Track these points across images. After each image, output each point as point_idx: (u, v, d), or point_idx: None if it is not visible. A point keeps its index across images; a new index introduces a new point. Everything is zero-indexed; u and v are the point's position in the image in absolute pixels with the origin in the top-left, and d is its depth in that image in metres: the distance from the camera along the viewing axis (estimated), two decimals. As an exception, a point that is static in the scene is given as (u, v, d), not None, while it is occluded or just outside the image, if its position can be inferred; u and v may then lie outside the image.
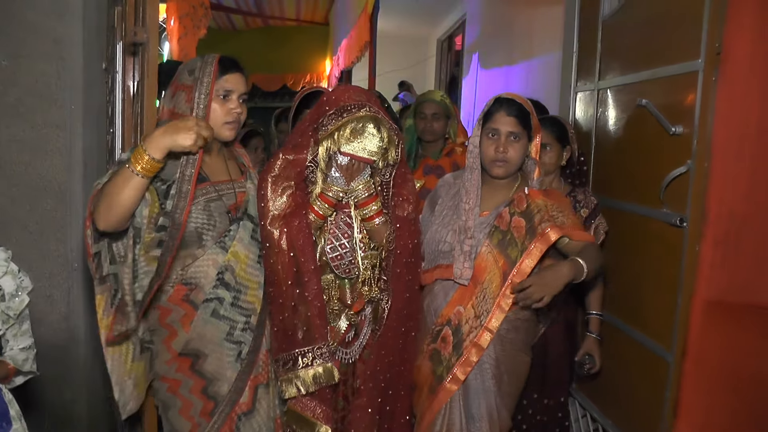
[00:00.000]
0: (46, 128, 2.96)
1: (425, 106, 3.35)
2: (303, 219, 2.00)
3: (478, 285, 2.11)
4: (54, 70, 2.93)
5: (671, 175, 2.27)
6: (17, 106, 2.90)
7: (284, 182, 2.01)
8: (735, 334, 2.06)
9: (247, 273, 1.98)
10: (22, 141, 2.92)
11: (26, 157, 2.93)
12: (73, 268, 3.09)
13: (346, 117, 1.93)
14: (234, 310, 1.96)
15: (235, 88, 1.93)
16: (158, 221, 1.84)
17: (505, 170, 2.15)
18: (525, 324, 2.18)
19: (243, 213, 2.00)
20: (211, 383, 1.94)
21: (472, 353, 2.09)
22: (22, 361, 2.04)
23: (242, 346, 1.98)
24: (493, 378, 2.13)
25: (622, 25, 2.77)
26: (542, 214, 2.07)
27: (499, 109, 2.13)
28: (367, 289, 2.12)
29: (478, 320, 2.09)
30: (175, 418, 1.97)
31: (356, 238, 2.09)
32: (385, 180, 2.12)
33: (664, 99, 2.37)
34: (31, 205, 2.96)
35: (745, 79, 1.94)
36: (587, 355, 2.63)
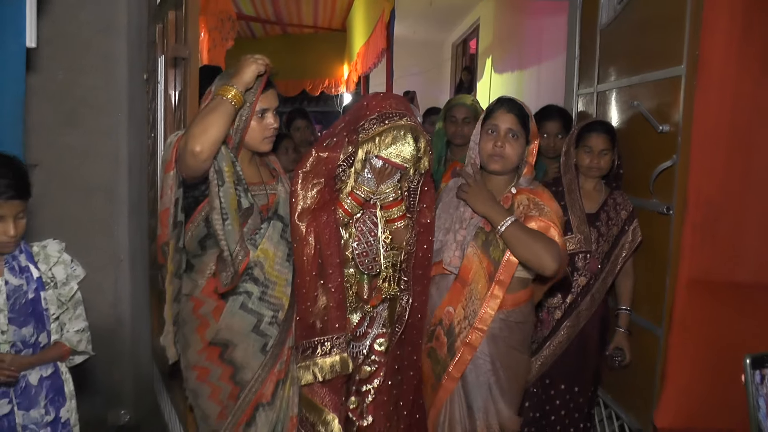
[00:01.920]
0: (95, 135, 3.28)
1: (456, 110, 3.31)
2: (330, 214, 2.06)
3: (466, 286, 2.16)
4: (103, 82, 3.25)
5: (659, 169, 2.53)
6: (71, 115, 3.22)
7: (314, 178, 2.07)
8: (715, 308, 2.30)
9: (275, 270, 2.05)
10: (75, 146, 3.24)
11: (78, 161, 3.25)
12: (119, 260, 3.40)
13: (388, 123, 2.00)
14: (262, 304, 2.03)
15: (270, 105, 2.02)
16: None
17: (501, 165, 2.17)
18: (518, 325, 2.19)
19: (273, 213, 2.07)
20: (238, 371, 2.03)
21: (465, 353, 2.14)
22: (77, 342, 2.14)
23: (268, 339, 2.05)
24: (488, 373, 2.17)
25: (617, 34, 3.02)
26: (522, 209, 2.12)
27: (500, 107, 2.18)
28: (387, 285, 2.18)
29: (467, 321, 2.14)
30: (204, 404, 2.06)
31: (380, 237, 2.15)
32: (413, 187, 2.18)
33: (652, 101, 2.64)
34: (83, 204, 3.27)
35: (719, 83, 2.19)
36: (617, 349, 2.74)
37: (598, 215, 2.70)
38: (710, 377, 2.32)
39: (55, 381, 2.10)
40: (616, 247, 2.69)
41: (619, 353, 2.74)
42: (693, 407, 2.35)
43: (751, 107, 2.20)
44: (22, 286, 1.98)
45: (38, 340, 2.02)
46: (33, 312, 2.01)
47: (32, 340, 2.00)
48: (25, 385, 2.00)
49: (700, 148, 2.24)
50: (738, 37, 2.16)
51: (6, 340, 1.95)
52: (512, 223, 2.04)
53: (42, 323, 2.03)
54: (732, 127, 2.22)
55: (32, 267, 2.02)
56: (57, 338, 2.08)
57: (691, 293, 2.29)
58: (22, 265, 2.01)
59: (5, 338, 1.95)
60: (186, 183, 1.96)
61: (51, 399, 2.07)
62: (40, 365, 2.05)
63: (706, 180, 2.23)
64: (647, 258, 2.68)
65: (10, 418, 1.97)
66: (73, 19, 3.12)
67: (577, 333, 2.67)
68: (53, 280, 2.08)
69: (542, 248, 2.02)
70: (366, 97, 2.14)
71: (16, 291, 1.97)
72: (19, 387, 1.99)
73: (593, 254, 2.66)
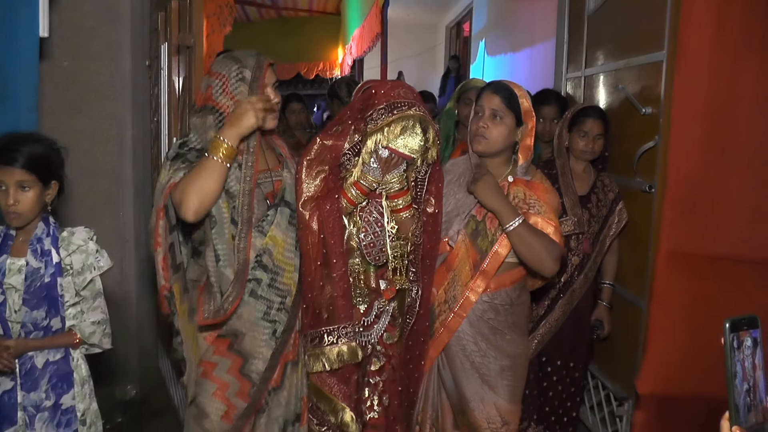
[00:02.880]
0: (100, 119, 3.39)
1: (473, 93, 3.23)
2: (334, 203, 2.04)
3: (450, 271, 2.19)
4: (107, 69, 3.35)
5: (642, 149, 2.67)
6: (76, 101, 3.32)
7: (319, 166, 2.06)
8: (693, 280, 2.41)
9: (284, 256, 2.04)
10: (81, 131, 3.35)
11: (85, 145, 3.36)
12: (125, 240, 3.53)
13: (396, 114, 1.97)
14: (271, 290, 2.00)
15: (268, 81, 2.00)
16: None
17: (484, 146, 2.17)
18: (506, 308, 2.20)
19: (280, 199, 2.05)
20: (247, 361, 1.99)
21: (444, 335, 2.18)
22: (89, 333, 2.10)
23: (277, 325, 2.02)
24: (473, 355, 2.18)
25: (603, 20, 3.14)
26: (517, 202, 2.13)
27: (486, 90, 2.20)
28: (398, 277, 2.17)
29: (446, 305, 2.18)
30: (205, 402, 1.97)
31: (387, 227, 2.14)
32: (420, 177, 2.16)
33: (636, 84, 2.77)
34: (89, 186, 3.38)
35: (696, 67, 2.30)
36: (597, 320, 2.87)
37: (588, 197, 2.82)
38: (688, 345, 2.45)
39: (62, 367, 2.08)
40: (604, 227, 2.82)
41: (598, 324, 2.88)
42: (672, 373, 2.48)
43: (727, 90, 2.31)
44: (40, 269, 2.00)
45: (50, 325, 2.03)
46: (47, 296, 2.01)
47: (44, 323, 2.01)
48: (30, 366, 2.01)
49: (679, 129, 2.36)
50: (714, 24, 2.27)
51: (17, 320, 1.98)
52: (521, 223, 2.04)
53: (56, 308, 2.03)
54: (709, 109, 2.34)
55: (54, 252, 2.03)
56: (72, 325, 2.08)
57: (670, 266, 2.42)
58: (45, 249, 2.01)
59: (16, 318, 1.98)
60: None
61: (53, 384, 2.05)
62: (47, 349, 2.05)
63: (685, 159, 2.36)
64: (631, 234, 2.82)
65: (12, 395, 1.99)
66: (78, 8, 3.21)
67: (571, 310, 2.80)
68: (71, 267, 2.07)
69: (545, 251, 2.06)
70: (375, 86, 2.10)
71: (34, 273, 1.99)
72: (24, 368, 2.00)
73: (585, 235, 2.79)
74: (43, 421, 2.01)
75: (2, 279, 1.97)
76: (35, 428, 2.00)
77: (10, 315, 1.98)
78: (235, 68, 1.95)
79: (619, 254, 2.90)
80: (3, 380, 1.99)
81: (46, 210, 2.07)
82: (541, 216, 2.11)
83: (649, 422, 2.53)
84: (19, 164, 1.92)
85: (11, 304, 1.98)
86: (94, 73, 3.33)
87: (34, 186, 1.96)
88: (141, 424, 3.37)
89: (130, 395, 3.59)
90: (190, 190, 1.80)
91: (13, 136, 1.98)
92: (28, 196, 1.95)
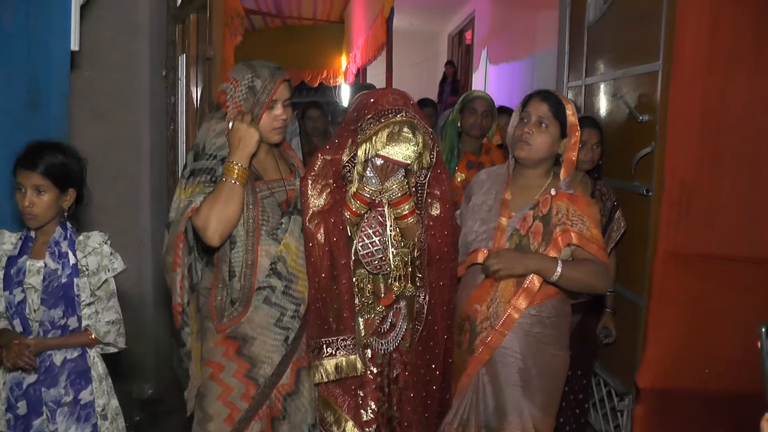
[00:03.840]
0: (119, 127, 3.52)
1: (477, 102, 3.38)
2: (339, 216, 2.06)
3: (494, 286, 2.13)
4: (127, 78, 3.49)
5: (640, 155, 2.80)
6: (96, 109, 3.45)
7: (323, 180, 2.08)
8: (689, 279, 2.55)
9: (297, 264, 2.06)
10: (101, 137, 3.47)
11: (104, 151, 3.47)
12: (141, 243, 3.65)
13: (383, 121, 1.97)
14: (285, 298, 2.03)
15: (279, 97, 2.02)
16: None
17: (527, 153, 2.13)
18: (551, 320, 2.15)
19: (294, 207, 2.08)
20: (254, 366, 2.01)
21: (484, 352, 2.13)
22: (104, 333, 2.17)
23: (289, 332, 2.05)
24: (519, 373, 2.12)
25: (603, 31, 3.27)
26: (560, 217, 2.09)
27: (535, 96, 2.17)
28: (398, 284, 2.15)
29: (488, 321, 2.12)
30: (209, 405, 2.01)
31: (389, 235, 2.12)
32: (421, 182, 2.16)
33: (634, 93, 2.90)
34: (108, 191, 3.48)
35: (690, 77, 2.43)
36: (604, 327, 2.91)
37: None
38: (685, 340, 2.58)
39: (80, 364, 2.16)
40: (604, 236, 2.80)
41: (606, 331, 2.94)
42: (670, 368, 2.60)
43: (719, 99, 2.46)
44: (57, 271, 2.09)
45: (67, 324, 2.12)
46: (64, 296, 2.10)
47: (61, 322, 2.10)
48: (49, 364, 2.10)
49: (674, 135, 2.50)
50: (707, 37, 2.42)
51: (35, 318, 2.08)
52: (561, 270, 2.00)
53: (72, 308, 2.12)
54: (702, 116, 2.47)
55: (71, 254, 2.12)
56: (88, 324, 2.16)
57: (667, 265, 2.55)
58: (62, 251, 2.11)
59: (35, 317, 2.08)
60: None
61: (72, 381, 2.13)
62: (64, 348, 2.13)
63: (681, 164, 2.49)
64: (630, 236, 2.94)
65: (37, 388, 2.09)
66: (100, 20, 3.34)
67: (578, 321, 2.80)
68: (86, 269, 2.15)
69: (593, 279, 2.05)
70: (365, 95, 2.12)
71: (51, 274, 2.08)
72: (44, 365, 2.10)
73: None
74: (64, 415, 2.11)
75: (23, 278, 2.08)
76: (57, 422, 2.09)
77: (30, 313, 2.08)
78: (248, 76, 2.00)
79: (617, 260, 2.95)
80: (28, 374, 2.10)
81: (63, 215, 2.17)
82: (583, 234, 2.07)
83: (649, 415, 2.65)
84: (38, 170, 2.04)
85: (30, 303, 2.08)
86: (113, 82, 3.46)
87: (49, 191, 2.07)
88: (157, 422, 3.48)
89: (146, 394, 3.70)
90: (212, 216, 1.89)
91: (40, 143, 2.11)
92: (43, 200, 2.06)
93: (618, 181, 3.00)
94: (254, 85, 1.98)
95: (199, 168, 1.97)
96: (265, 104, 1.99)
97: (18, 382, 2.09)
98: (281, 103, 2.03)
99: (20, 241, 2.14)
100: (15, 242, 2.14)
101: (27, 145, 2.09)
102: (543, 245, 2.08)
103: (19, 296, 2.08)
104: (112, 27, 3.41)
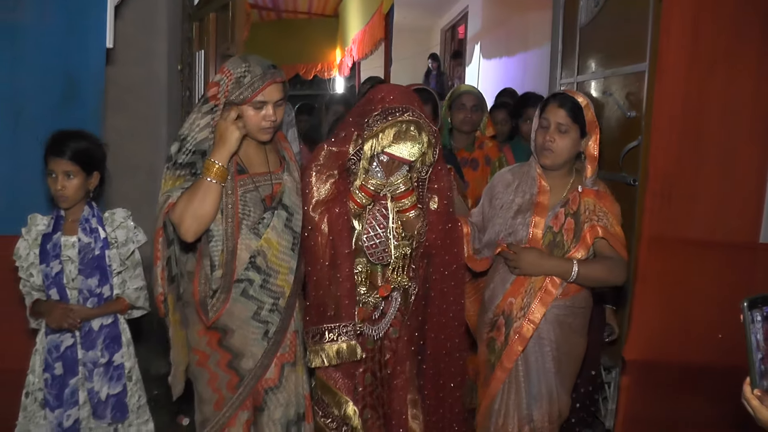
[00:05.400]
0: (137, 119, 3.72)
1: (465, 97, 3.37)
2: (343, 206, 2.10)
3: (527, 279, 2.19)
4: (145, 73, 3.69)
5: (627, 148, 3.05)
6: (116, 102, 3.64)
7: (327, 171, 2.11)
8: (671, 261, 2.82)
9: (278, 258, 2.06)
10: (120, 129, 3.67)
11: (124, 142, 3.66)
12: (159, 229, 3.84)
13: (390, 120, 2.02)
14: (263, 291, 2.04)
15: (269, 99, 1.99)
16: None
17: (551, 160, 2.19)
18: (582, 310, 2.24)
19: (278, 203, 2.08)
20: (236, 357, 2.05)
21: (516, 343, 2.18)
22: (135, 298, 2.40)
23: (269, 326, 2.07)
24: (553, 360, 2.19)
25: (594, 32, 3.50)
26: (588, 214, 2.15)
27: (552, 102, 2.20)
28: (396, 276, 2.21)
29: (522, 311, 2.18)
30: (203, 389, 2.08)
31: (391, 228, 2.16)
32: (422, 177, 2.21)
33: (622, 91, 3.14)
34: (129, 179, 3.69)
35: (673, 78, 2.69)
36: (607, 325, 2.95)
37: None
38: (667, 317, 2.84)
39: (113, 329, 2.38)
40: None
41: (609, 329, 2.99)
42: (654, 342, 2.87)
43: (699, 97, 2.71)
44: (90, 244, 2.31)
45: (102, 292, 2.33)
46: (98, 266, 2.32)
47: (97, 290, 2.32)
48: (88, 329, 2.32)
49: (658, 130, 2.75)
50: (688, 41, 2.67)
51: (74, 287, 2.30)
52: (578, 270, 2.09)
53: (105, 277, 2.34)
54: (684, 113, 2.73)
55: (100, 229, 2.35)
56: (119, 293, 2.38)
57: (650, 249, 2.80)
58: (92, 227, 2.33)
59: (74, 285, 2.30)
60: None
61: (107, 344, 2.35)
62: (102, 316, 2.35)
63: (663, 156, 2.74)
64: (618, 223, 3.19)
65: (73, 350, 2.31)
66: (121, 18, 3.51)
67: None
68: (116, 241, 2.38)
69: (610, 275, 2.14)
70: (372, 91, 2.16)
71: (86, 247, 2.31)
72: (84, 330, 2.32)
73: None
74: (99, 375, 2.33)
75: (59, 252, 2.31)
76: (93, 381, 2.31)
77: (68, 282, 2.31)
78: (241, 69, 1.97)
79: None
80: (65, 338, 2.32)
81: (89, 196, 2.39)
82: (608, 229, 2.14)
83: (633, 386, 2.92)
84: (66, 156, 2.25)
85: (68, 273, 2.31)
86: (132, 77, 3.66)
87: (77, 175, 2.28)
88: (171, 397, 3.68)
89: (164, 370, 3.89)
90: (187, 213, 1.89)
91: (64, 133, 2.32)
92: (73, 183, 2.27)
93: (607, 172, 3.23)
94: (243, 79, 1.96)
95: (180, 162, 2.01)
96: (247, 100, 1.96)
97: (56, 344, 2.31)
98: (272, 105, 2.00)
99: (52, 220, 2.35)
100: (47, 222, 2.36)
101: (53, 135, 2.31)
102: (574, 242, 2.15)
103: (56, 268, 2.29)
104: (132, 25, 3.60)
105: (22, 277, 2.35)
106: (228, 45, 2.96)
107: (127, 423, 2.42)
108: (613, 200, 2.24)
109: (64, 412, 2.29)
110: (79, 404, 2.32)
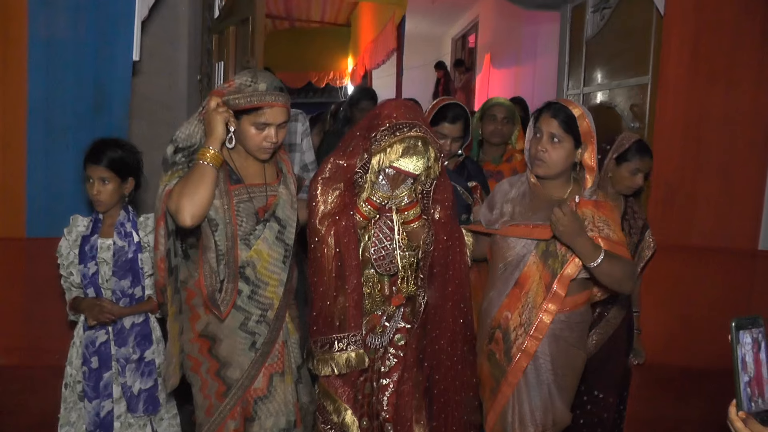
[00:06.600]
0: (158, 126, 3.83)
1: (497, 109, 3.33)
2: (349, 219, 2.13)
3: (524, 292, 2.16)
4: (166, 82, 3.81)
5: (630, 157, 3.14)
6: (138, 110, 3.74)
7: (334, 184, 2.14)
8: (671, 265, 2.91)
9: (268, 270, 2.08)
10: (142, 135, 3.77)
11: (145, 148, 3.77)
12: (177, 234, 3.97)
13: (398, 135, 2.05)
14: (250, 302, 2.06)
15: (273, 120, 2.01)
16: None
17: (543, 170, 2.17)
18: (579, 324, 2.21)
19: (271, 215, 2.10)
20: (223, 366, 2.07)
21: (521, 359, 2.16)
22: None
23: (256, 337, 2.08)
24: (548, 373, 2.18)
25: (599, 45, 3.62)
26: (587, 225, 2.09)
27: (545, 112, 2.18)
28: (405, 286, 2.25)
29: (522, 328, 2.15)
30: (196, 394, 2.12)
31: (397, 239, 2.21)
32: (426, 189, 2.23)
33: (626, 102, 3.26)
34: (150, 186, 3.83)
35: (674, 91, 2.80)
36: (634, 349, 2.84)
37: (621, 225, 2.57)
38: (670, 322, 2.94)
39: (144, 327, 2.50)
40: (634, 255, 2.69)
41: (636, 353, 2.86)
42: (657, 346, 2.94)
43: (698, 110, 2.82)
44: (124, 247, 2.42)
45: (134, 293, 2.45)
46: (131, 269, 2.43)
47: (129, 291, 2.43)
48: (120, 326, 2.44)
49: (660, 141, 2.86)
50: (688, 56, 2.78)
51: (108, 287, 2.42)
52: (602, 260, 2.00)
53: (138, 279, 2.45)
54: (684, 125, 2.84)
55: (134, 233, 2.46)
56: (150, 294, 2.47)
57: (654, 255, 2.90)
58: (127, 231, 2.45)
59: (108, 285, 2.41)
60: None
61: (138, 341, 2.47)
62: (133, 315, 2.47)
63: (665, 166, 2.85)
64: (623, 230, 3.29)
65: (107, 346, 2.44)
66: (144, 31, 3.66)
67: (606, 339, 2.67)
68: (149, 245, 2.45)
69: (624, 275, 2.06)
70: (379, 106, 2.20)
71: (120, 251, 2.42)
72: (116, 327, 2.44)
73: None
74: (131, 370, 2.45)
75: (96, 254, 2.44)
76: (126, 376, 2.44)
77: (102, 283, 2.44)
78: (246, 80, 2.00)
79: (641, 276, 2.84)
80: (100, 334, 2.44)
81: (125, 200, 2.51)
82: (610, 238, 2.08)
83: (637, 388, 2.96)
84: (102, 163, 2.38)
85: (103, 274, 2.44)
86: (154, 86, 3.78)
87: (113, 181, 2.40)
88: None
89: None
90: (184, 197, 1.89)
91: (102, 141, 2.46)
92: (108, 188, 2.40)
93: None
94: (245, 90, 1.98)
95: (175, 161, 2.04)
96: (239, 107, 1.98)
97: (92, 340, 2.44)
98: (274, 127, 2.03)
99: (91, 223, 2.48)
100: (87, 224, 2.49)
101: (92, 143, 2.44)
102: (569, 252, 2.08)
103: (92, 269, 2.42)
104: (154, 37, 3.73)
105: (62, 274, 2.48)
106: (248, 58, 3.09)
107: (158, 416, 2.54)
108: (611, 207, 2.22)
109: (100, 403, 2.42)
110: (113, 398, 2.44)
